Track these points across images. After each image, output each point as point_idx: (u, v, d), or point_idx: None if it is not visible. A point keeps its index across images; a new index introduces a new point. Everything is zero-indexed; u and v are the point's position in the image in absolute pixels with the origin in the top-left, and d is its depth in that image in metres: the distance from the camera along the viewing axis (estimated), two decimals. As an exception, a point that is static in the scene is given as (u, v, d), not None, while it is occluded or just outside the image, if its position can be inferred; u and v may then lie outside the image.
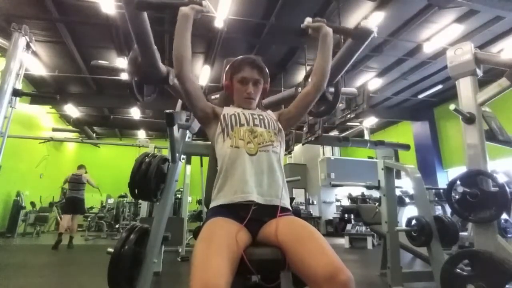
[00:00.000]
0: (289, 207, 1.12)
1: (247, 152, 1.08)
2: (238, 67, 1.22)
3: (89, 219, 8.14)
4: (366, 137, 9.76)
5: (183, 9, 1.10)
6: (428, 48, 6.15)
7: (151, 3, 1.18)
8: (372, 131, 10.98)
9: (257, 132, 1.12)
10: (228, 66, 1.26)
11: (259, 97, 1.27)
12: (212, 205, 1.09)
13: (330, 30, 1.22)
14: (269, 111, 1.28)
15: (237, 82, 1.22)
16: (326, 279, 0.77)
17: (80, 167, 5.85)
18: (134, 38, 1.34)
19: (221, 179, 1.09)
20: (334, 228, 8.92)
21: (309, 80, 1.23)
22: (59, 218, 7.49)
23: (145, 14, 1.28)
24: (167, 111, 1.41)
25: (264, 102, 1.36)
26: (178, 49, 1.09)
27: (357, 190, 6.44)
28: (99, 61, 1.76)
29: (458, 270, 1.53)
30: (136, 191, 1.59)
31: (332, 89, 1.92)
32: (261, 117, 1.19)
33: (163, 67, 1.54)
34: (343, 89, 2.20)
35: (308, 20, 1.22)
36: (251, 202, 1.02)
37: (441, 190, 4.63)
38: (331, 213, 9.48)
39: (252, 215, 1.01)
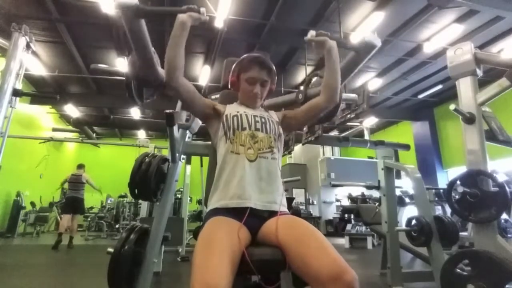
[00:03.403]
0: (288, 212, 1.12)
1: (247, 158, 1.09)
2: (247, 66, 1.20)
3: (89, 219, 8.15)
4: (366, 137, 9.76)
5: (181, 17, 1.06)
6: (428, 48, 6.15)
7: (149, 10, 1.17)
8: (372, 131, 10.98)
9: (258, 138, 1.13)
10: (236, 63, 1.25)
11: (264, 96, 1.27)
12: (209, 208, 1.10)
13: (334, 44, 1.19)
14: (271, 112, 1.28)
15: (244, 81, 1.21)
16: (331, 279, 0.77)
17: (80, 166, 5.85)
18: (132, 45, 1.33)
19: (219, 184, 1.10)
20: (334, 228, 8.92)
21: (321, 92, 1.22)
22: (59, 218, 7.49)
23: (143, 21, 1.27)
24: (167, 111, 1.40)
25: (264, 104, 1.35)
26: (171, 58, 1.04)
27: (357, 190, 6.43)
28: (99, 65, 1.75)
29: (458, 270, 1.53)
30: (136, 191, 1.58)
31: None
32: (263, 119, 1.18)
33: (161, 71, 1.53)
34: (344, 95, 2.20)
35: (311, 34, 1.18)
36: (248, 208, 1.03)
37: (441, 190, 4.62)
38: (331, 213, 9.48)
39: (251, 213, 1.02)
